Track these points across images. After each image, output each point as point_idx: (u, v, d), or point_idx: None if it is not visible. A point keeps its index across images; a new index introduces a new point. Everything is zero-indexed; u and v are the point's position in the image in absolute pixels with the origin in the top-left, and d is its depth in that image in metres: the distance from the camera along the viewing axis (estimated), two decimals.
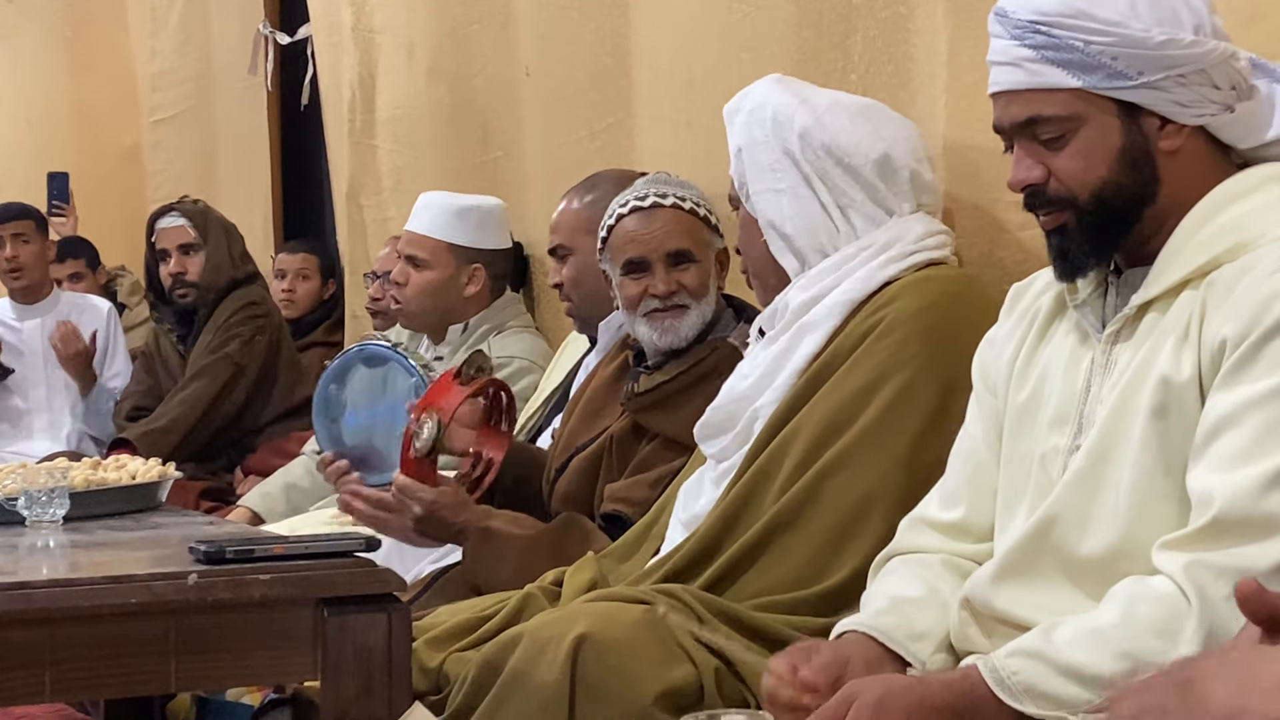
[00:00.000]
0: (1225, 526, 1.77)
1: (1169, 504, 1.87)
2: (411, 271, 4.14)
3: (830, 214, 2.66)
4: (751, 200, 2.70)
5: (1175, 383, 1.87)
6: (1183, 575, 1.77)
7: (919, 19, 2.98)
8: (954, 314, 2.51)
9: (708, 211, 3.11)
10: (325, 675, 2.04)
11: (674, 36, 3.77)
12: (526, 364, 4.06)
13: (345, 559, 2.11)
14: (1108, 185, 1.96)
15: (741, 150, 2.70)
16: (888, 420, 2.48)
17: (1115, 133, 1.95)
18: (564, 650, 2.29)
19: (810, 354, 2.60)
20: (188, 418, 4.92)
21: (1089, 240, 1.99)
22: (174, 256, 5.07)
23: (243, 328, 5.03)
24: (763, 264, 2.73)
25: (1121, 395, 1.93)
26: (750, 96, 2.74)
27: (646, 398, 3.06)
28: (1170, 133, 1.96)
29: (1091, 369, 2.00)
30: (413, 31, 5.05)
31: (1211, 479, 1.79)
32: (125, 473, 2.84)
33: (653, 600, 2.42)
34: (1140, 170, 1.96)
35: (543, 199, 4.31)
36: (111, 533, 2.55)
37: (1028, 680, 1.80)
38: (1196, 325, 1.88)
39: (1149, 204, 1.97)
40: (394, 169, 5.21)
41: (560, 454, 3.27)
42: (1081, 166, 1.96)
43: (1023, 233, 2.76)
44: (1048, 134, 1.97)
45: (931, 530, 2.20)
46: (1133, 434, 1.90)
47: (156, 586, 2.00)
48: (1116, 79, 1.93)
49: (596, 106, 4.12)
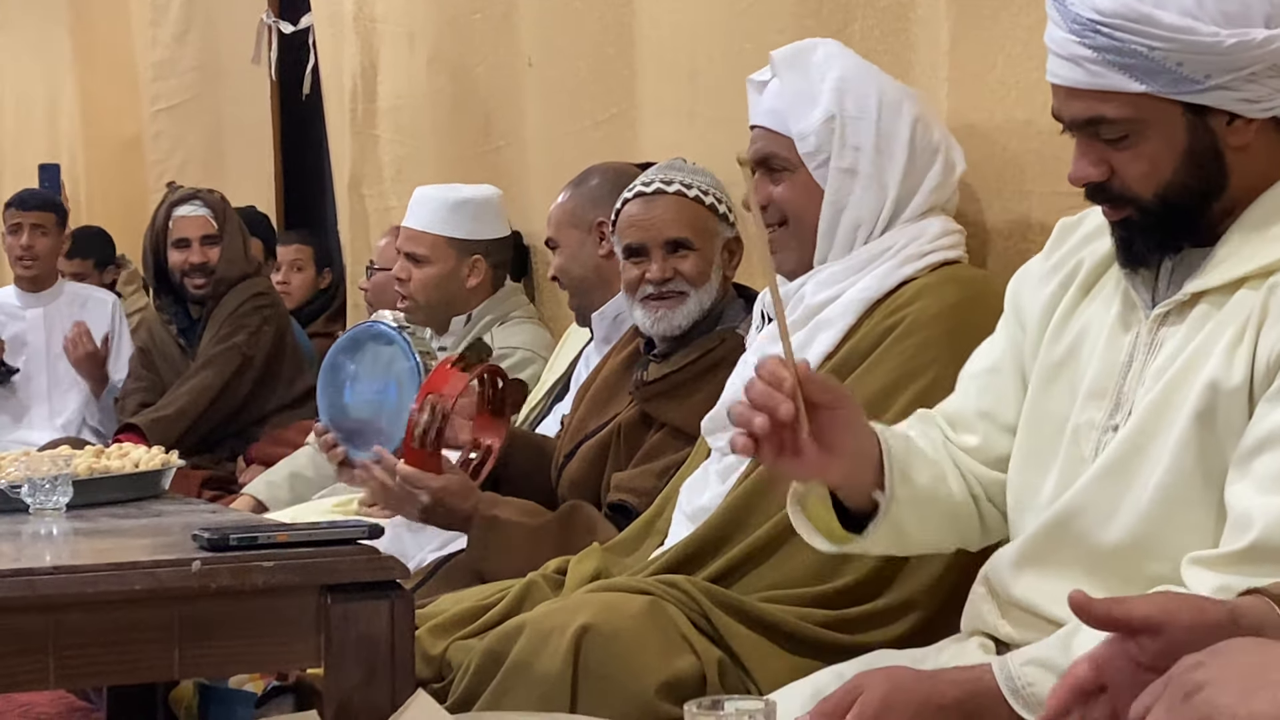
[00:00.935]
0: (1261, 554, 1.72)
1: (1201, 511, 1.83)
2: (413, 268, 4.15)
3: (884, 210, 2.63)
4: (825, 170, 2.63)
5: (1224, 388, 1.82)
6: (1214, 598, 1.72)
7: (920, 8, 2.98)
8: (974, 317, 2.48)
9: (716, 199, 3.09)
10: (328, 662, 2.04)
11: (676, 27, 3.77)
12: (529, 355, 4.07)
13: (348, 546, 2.11)
14: (1173, 186, 1.89)
15: (835, 120, 2.62)
16: None
17: (1181, 134, 1.88)
18: (567, 640, 2.29)
19: (824, 352, 2.58)
20: (195, 406, 4.92)
21: (1155, 237, 1.92)
22: (195, 246, 5.05)
23: (250, 318, 5.02)
24: (810, 234, 2.65)
25: (1165, 388, 1.87)
26: (836, 61, 2.65)
27: (655, 387, 3.06)
28: (1239, 128, 1.88)
29: (1135, 345, 1.94)
30: (414, 21, 5.05)
31: (1252, 499, 1.75)
32: (128, 461, 2.84)
33: (655, 591, 2.43)
34: (1207, 169, 1.89)
35: (544, 190, 4.30)
36: (115, 520, 2.55)
37: (1043, 694, 1.76)
38: (1254, 330, 1.82)
39: (1216, 198, 1.90)
40: (395, 159, 5.21)
41: (569, 440, 3.27)
42: (1146, 169, 1.89)
43: (1023, 223, 2.77)
44: (1110, 134, 1.90)
45: (943, 423, 2.15)
46: (1172, 432, 1.85)
47: (160, 573, 2.00)
48: (1182, 84, 1.85)
49: (599, 97, 4.12)
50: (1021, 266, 2.17)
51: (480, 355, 3.08)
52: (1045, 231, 2.67)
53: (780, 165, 2.67)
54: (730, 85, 3.53)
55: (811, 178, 2.65)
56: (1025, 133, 2.75)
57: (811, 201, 2.65)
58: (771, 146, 2.68)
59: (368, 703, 2.03)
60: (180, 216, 5.08)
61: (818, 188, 2.64)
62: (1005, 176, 2.79)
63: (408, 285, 4.15)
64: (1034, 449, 2.04)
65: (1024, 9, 2.73)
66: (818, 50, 2.69)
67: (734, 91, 3.49)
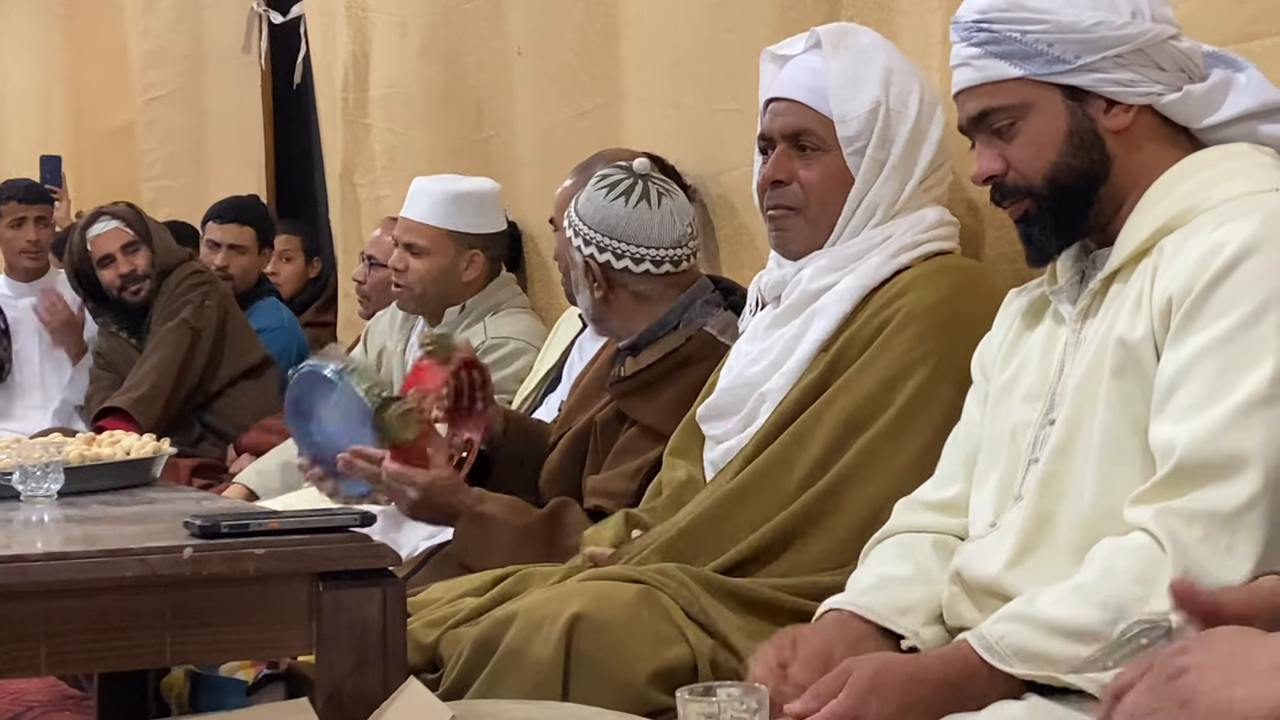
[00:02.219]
0: (1187, 472, 1.82)
1: (1136, 461, 1.92)
2: (410, 259, 4.15)
3: (897, 202, 2.64)
4: (859, 158, 2.62)
5: (1130, 342, 1.93)
6: (1154, 524, 1.82)
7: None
8: (968, 307, 2.50)
9: (588, 244, 3.06)
10: (320, 650, 2.04)
11: (661, 16, 3.77)
12: (523, 345, 4.07)
13: (340, 534, 2.11)
14: (1059, 168, 2.04)
15: (881, 109, 2.61)
16: (908, 418, 2.48)
17: (1061, 117, 2.04)
18: (559, 628, 2.30)
19: (819, 340, 2.59)
20: (164, 382, 4.97)
21: (1050, 223, 2.07)
22: (119, 258, 5.10)
23: (191, 294, 5.11)
24: (829, 220, 2.65)
25: (1089, 364, 1.98)
26: (882, 51, 2.66)
27: (626, 384, 3.06)
28: (1116, 113, 2.04)
29: (1065, 349, 2.05)
30: (406, 10, 5.04)
31: (1171, 429, 1.85)
32: (120, 448, 2.84)
33: (647, 579, 2.43)
34: (1089, 151, 2.04)
35: (534, 178, 4.31)
36: (106, 507, 2.55)
37: (1015, 642, 1.83)
38: (1148, 288, 1.94)
39: (1102, 182, 2.04)
40: (387, 148, 5.20)
41: (557, 431, 3.28)
42: (1032, 152, 2.05)
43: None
44: (999, 123, 2.06)
45: (924, 509, 2.23)
46: (1098, 398, 1.95)
47: (152, 560, 2.00)
48: (1055, 64, 2.02)
49: (585, 86, 4.12)
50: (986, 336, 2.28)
51: (448, 345, 3.06)
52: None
53: (814, 144, 2.64)
54: (714, 74, 3.53)
55: (844, 162, 2.63)
56: None
57: (839, 187, 2.63)
58: (806, 123, 2.64)
59: (359, 690, 2.02)
60: (95, 236, 5.18)
61: (847, 174, 2.63)
62: None
63: (405, 275, 4.15)
64: (984, 458, 2.15)
65: None
66: (863, 35, 2.69)
67: (718, 80, 3.50)
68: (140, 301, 5.12)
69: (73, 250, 5.21)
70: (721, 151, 3.36)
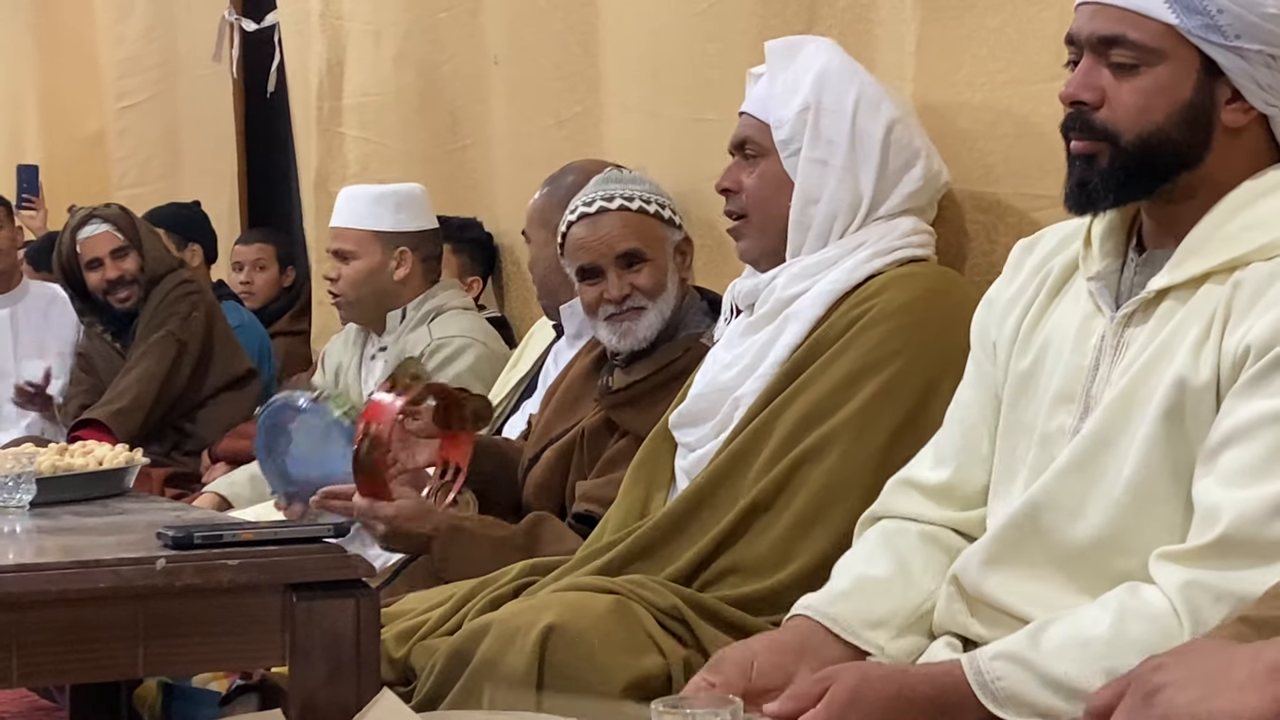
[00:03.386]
0: (1229, 547, 1.74)
1: (1170, 506, 1.84)
2: (341, 266, 4.16)
3: (860, 206, 2.65)
4: (796, 160, 2.66)
5: (1192, 386, 1.83)
6: (1179, 595, 1.75)
7: (883, 9, 2.99)
8: (938, 311, 2.51)
9: (660, 205, 3.09)
10: (293, 661, 2.04)
11: (640, 26, 3.77)
12: (467, 340, 4.05)
13: (313, 545, 2.11)
14: (1158, 133, 1.90)
15: (810, 110, 2.64)
16: (868, 413, 2.48)
17: (1188, 85, 1.90)
18: (532, 640, 2.29)
19: (792, 344, 2.61)
20: (148, 394, 4.93)
21: (1115, 180, 1.92)
22: (108, 262, 5.07)
23: (179, 305, 5.06)
24: (775, 224, 2.68)
25: (1131, 383, 1.88)
26: (823, 55, 2.69)
27: (620, 395, 3.06)
28: (1237, 109, 1.90)
29: (1101, 348, 1.95)
30: (381, 18, 5.04)
31: (1220, 494, 1.76)
32: (92, 458, 2.82)
33: (621, 590, 2.43)
34: (1195, 131, 1.90)
35: (510, 187, 4.30)
36: (78, 518, 2.53)
37: (1012, 689, 1.78)
38: (1220, 327, 1.83)
39: (1189, 168, 1.91)
40: (361, 156, 5.20)
41: (535, 443, 3.27)
42: (1141, 104, 1.90)
43: (990, 224, 2.77)
44: (1122, 58, 1.91)
45: (917, 493, 2.15)
46: (1140, 428, 1.86)
47: (124, 571, 1.99)
48: (1211, 32, 1.87)
49: (563, 95, 4.12)
50: (984, 297, 2.18)
51: (410, 372, 3.05)
52: (1012, 232, 2.70)
53: (754, 151, 2.71)
54: (693, 84, 3.53)
55: (782, 167, 2.67)
56: (992, 134, 2.76)
57: (779, 192, 2.67)
58: (749, 131, 2.72)
59: (332, 702, 2.02)
60: (85, 239, 5.12)
61: (787, 178, 2.67)
62: (972, 178, 2.80)
63: (338, 284, 4.17)
64: (1006, 458, 2.06)
65: (990, 10, 2.74)
66: (808, 45, 2.73)
67: (697, 90, 3.50)
68: (127, 308, 5.09)
69: (61, 250, 5.17)
70: (701, 161, 3.36)
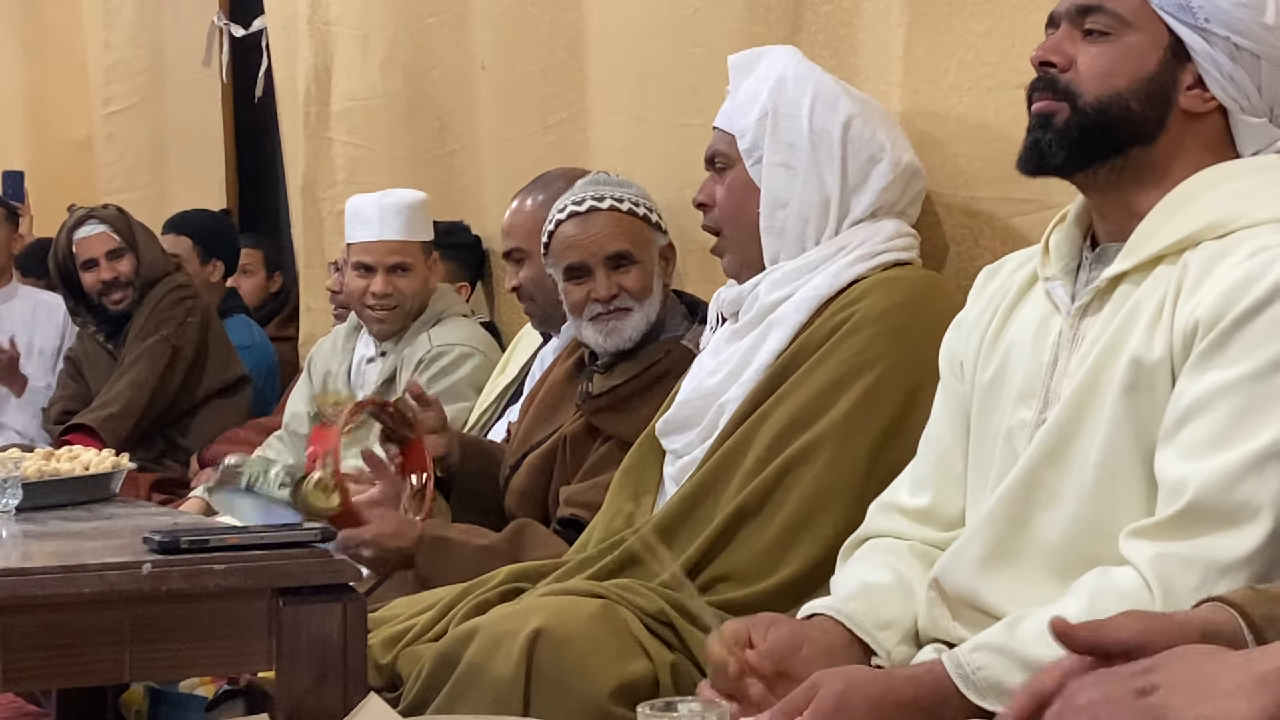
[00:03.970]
0: (1196, 516, 1.77)
1: (1139, 486, 1.87)
2: (397, 280, 4.10)
3: (831, 208, 2.65)
4: (761, 168, 2.67)
5: (1146, 362, 1.87)
6: (1149, 567, 1.77)
7: (868, 14, 2.99)
8: (921, 314, 2.52)
9: (648, 209, 3.11)
10: (280, 665, 2.04)
11: (626, 31, 3.77)
12: (468, 349, 4.05)
13: (300, 549, 2.11)
14: (1119, 99, 1.97)
15: (768, 116, 2.66)
16: (853, 418, 2.49)
17: (1153, 58, 1.97)
18: (520, 644, 2.29)
19: (776, 349, 2.61)
20: (139, 400, 4.92)
21: (1069, 137, 1.98)
22: (103, 263, 5.05)
23: (174, 310, 5.04)
24: (748, 233, 2.69)
25: (1091, 369, 1.92)
26: (780, 62, 2.71)
27: (602, 400, 3.06)
28: (1197, 95, 1.97)
29: (1059, 343, 1.99)
30: (369, 24, 5.03)
31: (1182, 466, 1.80)
32: (78, 463, 2.82)
33: (608, 594, 2.43)
34: (1154, 106, 1.96)
35: (498, 192, 4.30)
36: (65, 523, 2.54)
37: (993, 676, 1.80)
38: (1170, 305, 1.87)
39: (1142, 143, 1.97)
40: (349, 161, 5.19)
41: (516, 450, 3.27)
42: (1106, 68, 1.97)
43: (975, 229, 2.78)
44: (1096, 24, 1.98)
45: (900, 515, 2.19)
46: (1103, 410, 1.89)
47: (110, 576, 1.99)
48: (1184, 11, 1.95)
49: (550, 100, 4.12)
50: (953, 320, 2.21)
51: (330, 401, 3.05)
52: (996, 237, 2.70)
53: (723, 163, 2.73)
54: (679, 89, 3.54)
55: (749, 175, 2.69)
56: (978, 139, 2.76)
57: (748, 200, 2.69)
58: (718, 144, 2.74)
59: (319, 706, 2.02)
60: (81, 239, 5.10)
61: (754, 186, 2.68)
62: (957, 183, 2.80)
63: (396, 297, 4.09)
64: (978, 463, 2.09)
65: (976, 15, 2.75)
66: (769, 55, 2.75)
67: (683, 95, 3.50)
68: (121, 310, 5.08)
69: (58, 249, 5.15)
70: (688, 167, 3.36)
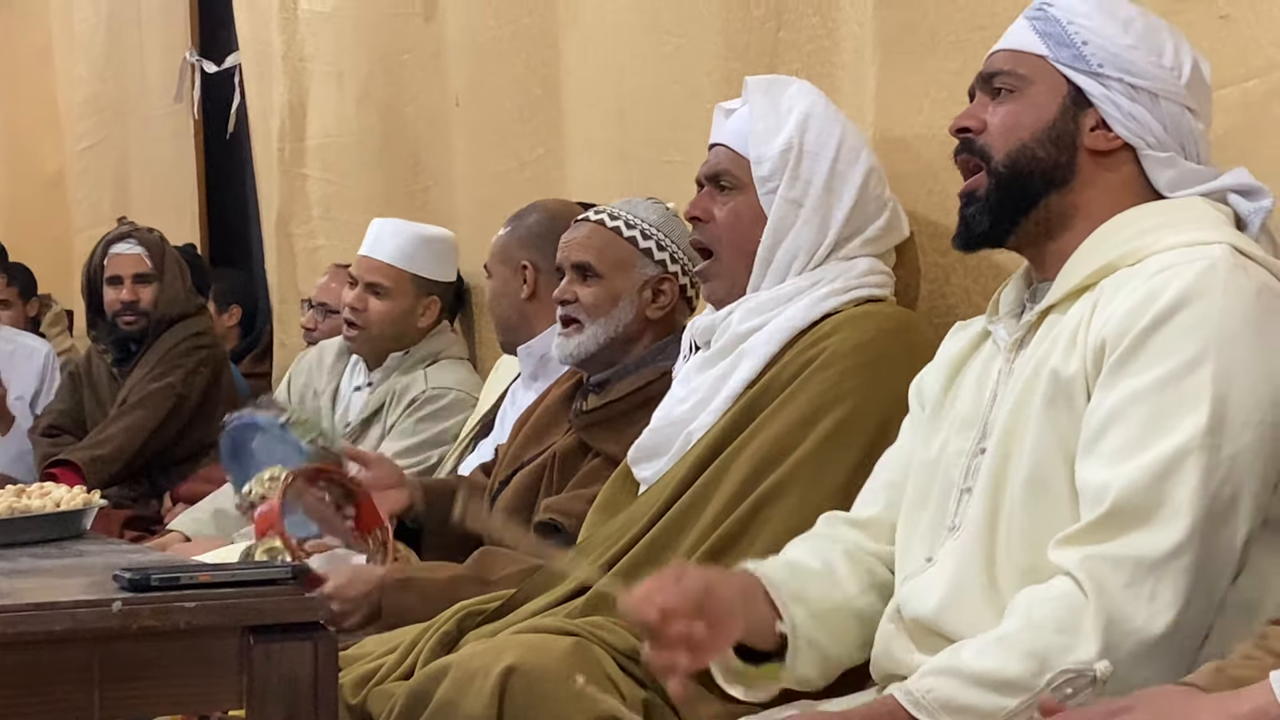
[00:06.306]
0: (1120, 517, 1.84)
1: (1064, 493, 1.94)
2: (371, 299, 4.15)
3: (820, 247, 2.65)
4: (773, 197, 2.66)
5: (1063, 376, 1.96)
6: (1079, 569, 1.83)
7: (844, 53, 3.01)
8: (892, 350, 2.53)
9: (644, 236, 3.08)
10: (251, 704, 2.03)
11: (604, 68, 3.78)
12: (464, 396, 4.09)
13: (271, 587, 2.10)
14: (1024, 151, 2.07)
15: (793, 150, 2.65)
16: (825, 453, 2.49)
17: (1053, 108, 2.07)
18: (492, 682, 2.29)
19: (746, 379, 2.61)
20: (132, 445, 4.90)
21: (991, 205, 2.09)
22: (127, 284, 5.02)
23: (187, 359, 5.01)
24: (745, 261, 2.68)
25: (1021, 392, 2.01)
26: (806, 98, 2.70)
27: (593, 416, 3.07)
28: (1101, 136, 2.06)
29: (999, 377, 2.07)
30: (343, 60, 5.04)
31: (1103, 473, 1.87)
32: (49, 500, 2.81)
33: (580, 632, 2.42)
34: (1059, 150, 2.07)
35: (473, 229, 4.31)
36: (35, 560, 2.52)
37: (942, 696, 1.84)
38: (1085, 324, 1.96)
39: (1057, 188, 2.07)
40: (324, 197, 5.20)
41: (504, 469, 3.27)
42: (1010, 124, 2.09)
43: (947, 268, 2.79)
44: (1001, 85, 2.11)
45: (843, 523, 2.27)
46: (1028, 427, 1.97)
47: (80, 614, 1.98)
48: (1078, 61, 2.06)
49: (526, 137, 4.13)
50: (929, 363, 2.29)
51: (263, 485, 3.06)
52: (969, 275, 2.71)
53: (730, 184, 2.70)
54: (658, 125, 3.54)
55: (758, 203, 2.67)
56: (951, 175, 2.76)
57: (753, 226, 2.67)
58: (726, 164, 2.71)
59: None
60: (116, 254, 5.07)
61: (760, 215, 2.66)
62: (931, 218, 2.81)
63: (364, 315, 4.15)
64: (915, 488, 2.16)
65: (949, 54, 2.76)
66: (793, 85, 2.75)
67: (662, 131, 3.51)
68: (128, 332, 5.05)
69: (93, 259, 5.13)
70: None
